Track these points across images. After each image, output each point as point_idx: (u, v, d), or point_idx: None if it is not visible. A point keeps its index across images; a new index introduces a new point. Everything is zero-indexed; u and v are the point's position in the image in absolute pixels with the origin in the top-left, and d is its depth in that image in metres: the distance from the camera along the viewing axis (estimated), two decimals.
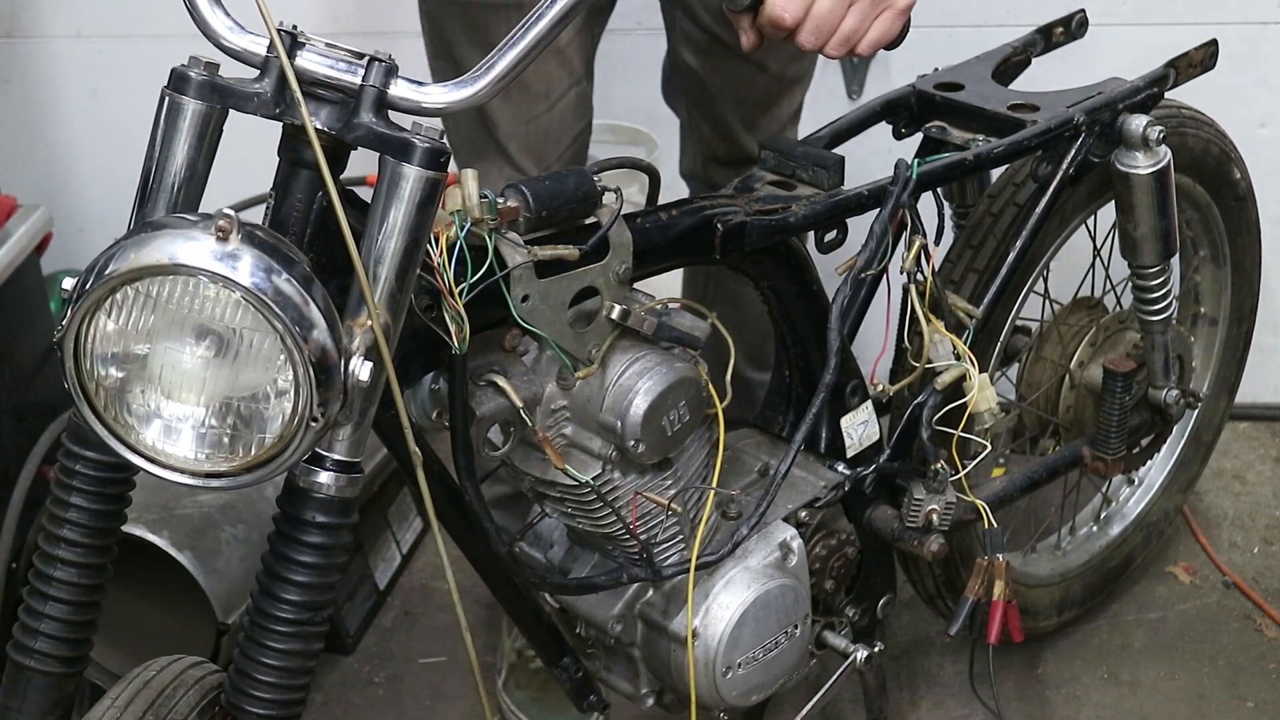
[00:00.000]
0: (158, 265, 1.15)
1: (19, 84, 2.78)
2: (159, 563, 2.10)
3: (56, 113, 2.80)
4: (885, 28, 1.57)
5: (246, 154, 1.57)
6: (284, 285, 1.18)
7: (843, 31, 1.54)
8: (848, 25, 1.54)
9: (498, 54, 1.30)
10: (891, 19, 1.57)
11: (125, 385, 1.21)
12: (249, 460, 1.23)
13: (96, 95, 2.77)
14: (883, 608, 2.00)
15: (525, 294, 1.47)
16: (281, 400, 1.20)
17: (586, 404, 1.58)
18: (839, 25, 1.54)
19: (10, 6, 2.71)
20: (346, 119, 1.29)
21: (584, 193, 1.51)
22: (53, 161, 2.83)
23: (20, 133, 2.80)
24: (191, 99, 1.29)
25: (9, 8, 2.71)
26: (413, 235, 1.29)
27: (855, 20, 1.54)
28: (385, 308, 1.29)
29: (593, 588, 1.69)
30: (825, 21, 1.53)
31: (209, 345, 1.20)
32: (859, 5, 1.54)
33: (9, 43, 2.75)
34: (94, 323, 1.19)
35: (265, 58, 1.29)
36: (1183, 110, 2.20)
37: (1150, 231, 2.01)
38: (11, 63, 2.76)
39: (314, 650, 1.35)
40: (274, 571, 1.32)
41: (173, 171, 1.29)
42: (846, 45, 1.56)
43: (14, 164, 2.74)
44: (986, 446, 1.88)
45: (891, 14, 1.57)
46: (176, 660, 1.41)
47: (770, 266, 1.74)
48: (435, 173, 1.27)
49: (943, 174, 1.82)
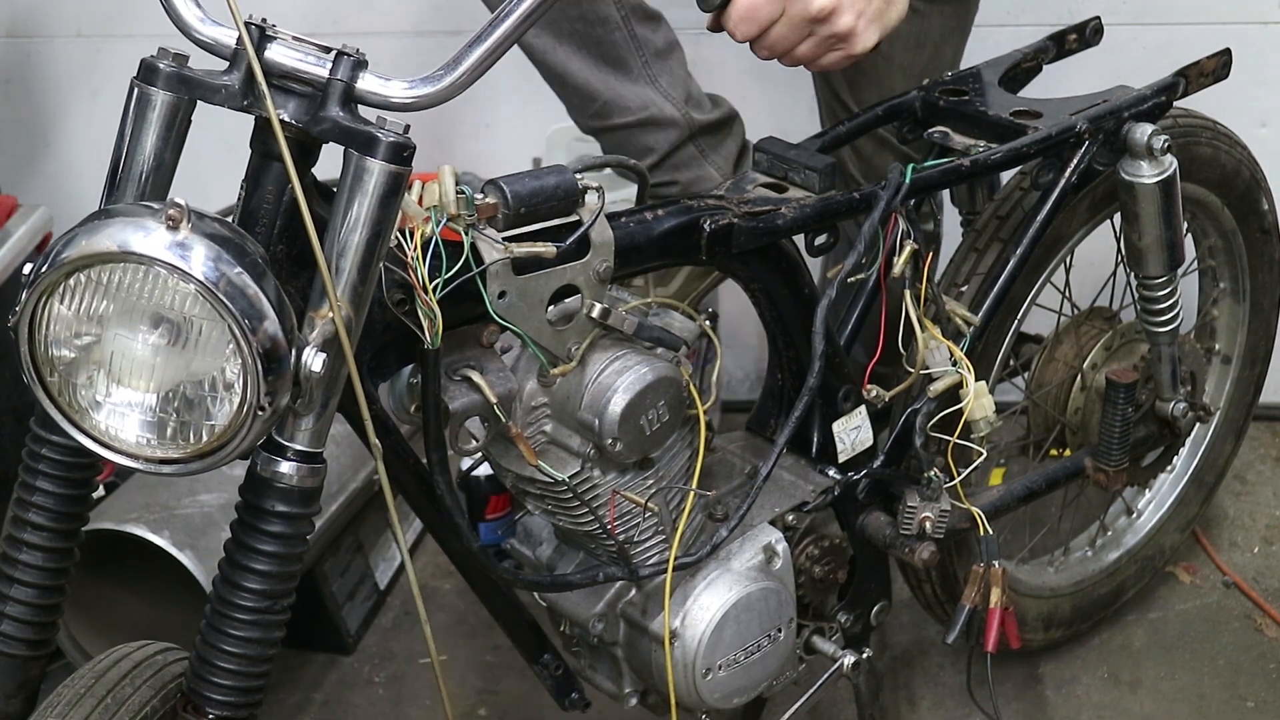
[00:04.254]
0: (108, 253, 1.17)
1: (19, 84, 2.80)
2: (160, 562, 2.11)
3: (56, 113, 2.82)
4: (836, 61, 1.64)
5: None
6: (233, 274, 1.19)
7: (794, 55, 1.62)
8: (801, 52, 1.62)
9: (465, 51, 1.31)
10: (841, 58, 1.63)
11: (75, 369, 1.23)
12: (199, 447, 1.24)
13: (96, 95, 2.79)
14: (876, 615, 1.99)
15: (502, 290, 1.48)
16: (231, 388, 1.21)
17: (566, 401, 1.58)
18: (791, 50, 1.61)
19: (10, 6, 2.73)
20: (314, 112, 1.30)
21: (564, 191, 1.51)
22: (53, 161, 2.85)
23: (20, 133, 2.83)
24: (160, 90, 1.31)
25: (9, 8, 2.73)
26: (376, 228, 1.29)
27: (809, 49, 1.62)
28: (348, 300, 1.30)
29: (567, 585, 1.69)
30: (779, 45, 1.60)
31: (161, 333, 1.21)
32: (814, 40, 1.60)
33: (9, 43, 2.77)
34: (48, 308, 1.21)
35: (234, 50, 1.30)
36: (1217, 126, 2.19)
37: (1155, 241, 1.99)
38: (11, 63, 2.78)
39: (274, 639, 1.36)
40: (235, 560, 1.34)
41: (140, 161, 1.31)
42: (796, 65, 1.64)
43: (14, 164, 2.77)
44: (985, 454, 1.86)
45: (843, 55, 1.63)
46: (143, 646, 1.43)
47: (760, 269, 1.73)
48: (399, 167, 1.28)
49: (938, 179, 1.80)
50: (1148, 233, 1.98)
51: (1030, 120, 1.89)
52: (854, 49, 1.60)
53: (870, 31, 1.59)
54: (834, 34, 1.57)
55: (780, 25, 1.56)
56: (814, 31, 1.57)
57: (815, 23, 1.57)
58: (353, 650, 2.39)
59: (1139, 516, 2.44)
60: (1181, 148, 2.09)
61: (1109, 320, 2.21)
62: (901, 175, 1.73)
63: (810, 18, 1.57)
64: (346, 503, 2.36)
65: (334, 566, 2.38)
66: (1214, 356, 2.44)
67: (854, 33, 1.58)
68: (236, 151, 1.36)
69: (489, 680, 2.30)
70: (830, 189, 1.74)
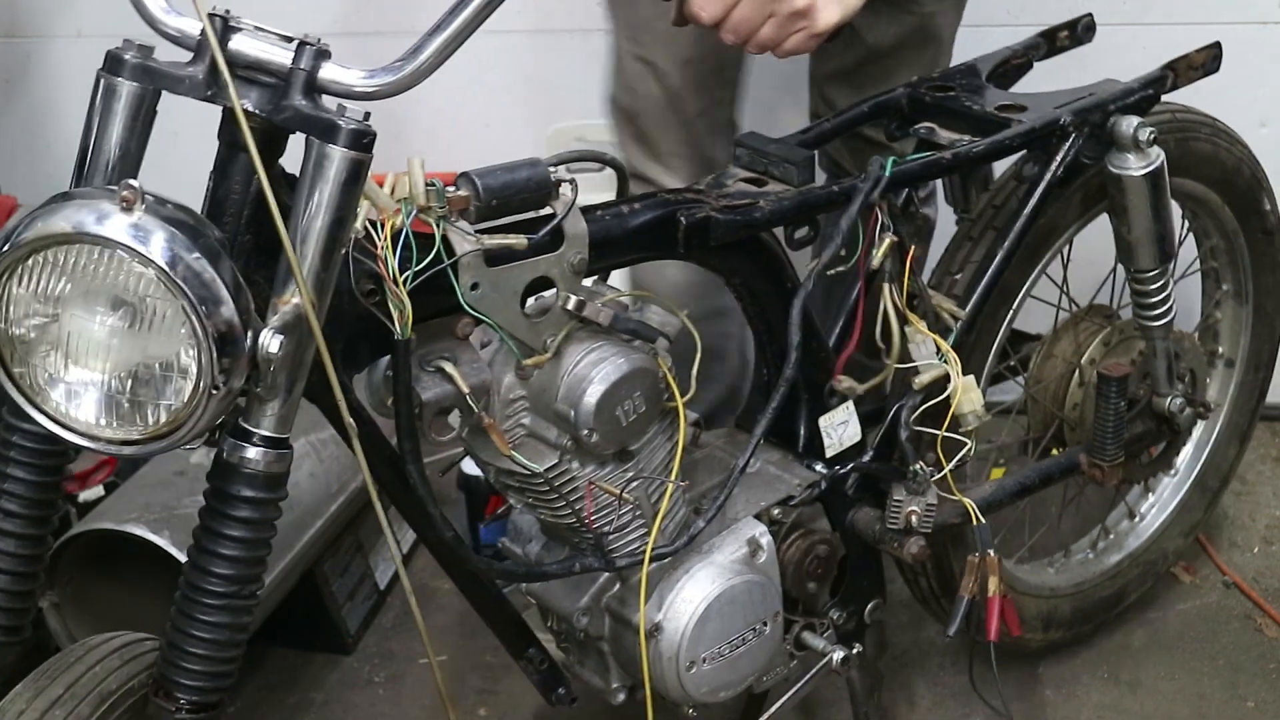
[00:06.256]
0: (62, 234, 1.19)
1: (19, 84, 2.82)
2: (160, 562, 2.10)
3: (56, 113, 2.84)
4: (800, 42, 1.63)
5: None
6: (187, 256, 1.20)
7: (758, 39, 1.61)
8: (764, 34, 1.61)
9: (424, 41, 1.33)
10: (805, 39, 1.62)
11: (34, 350, 1.25)
12: (156, 429, 1.25)
13: None
14: (870, 612, 1.98)
15: (475, 282, 1.49)
16: (186, 372, 1.23)
17: (543, 393, 1.59)
18: (755, 32, 1.60)
19: (10, 6, 2.76)
20: (277, 101, 1.31)
21: (536, 183, 1.52)
22: (53, 161, 2.85)
23: (20, 133, 2.85)
24: (125, 80, 1.33)
25: (9, 8, 2.76)
26: (338, 214, 1.31)
27: (771, 30, 1.61)
28: (310, 285, 1.31)
29: (543, 575, 1.70)
30: (742, 26, 1.59)
31: (120, 315, 1.23)
32: (775, 19, 1.60)
33: (9, 43, 2.79)
34: (7, 289, 1.23)
35: (199, 40, 1.32)
36: (1216, 123, 2.18)
37: (1145, 234, 1.98)
38: (11, 63, 2.81)
39: (242, 624, 1.37)
40: (203, 545, 1.35)
41: (107, 150, 1.34)
42: (763, 49, 1.63)
43: (14, 164, 2.79)
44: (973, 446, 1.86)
45: (805, 35, 1.62)
46: (113, 637, 1.44)
47: (740, 262, 1.74)
48: (359, 153, 1.29)
49: (919, 173, 1.81)
50: (1137, 226, 1.98)
51: (1015, 114, 1.89)
52: (816, 26, 1.59)
53: (830, 9, 1.58)
54: (794, 10, 1.57)
55: (743, 5, 1.56)
56: (775, 10, 1.57)
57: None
58: (353, 650, 2.40)
59: (1140, 520, 2.43)
60: (1179, 143, 2.09)
61: (1108, 317, 2.20)
62: (881, 168, 1.73)
63: None
64: (346, 503, 2.37)
65: (334, 566, 2.39)
66: (1217, 360, 2.43)
67: (813, 8, 1.58)
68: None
69: (489, 680, 2.30)
70: (809, 182, 1.74)
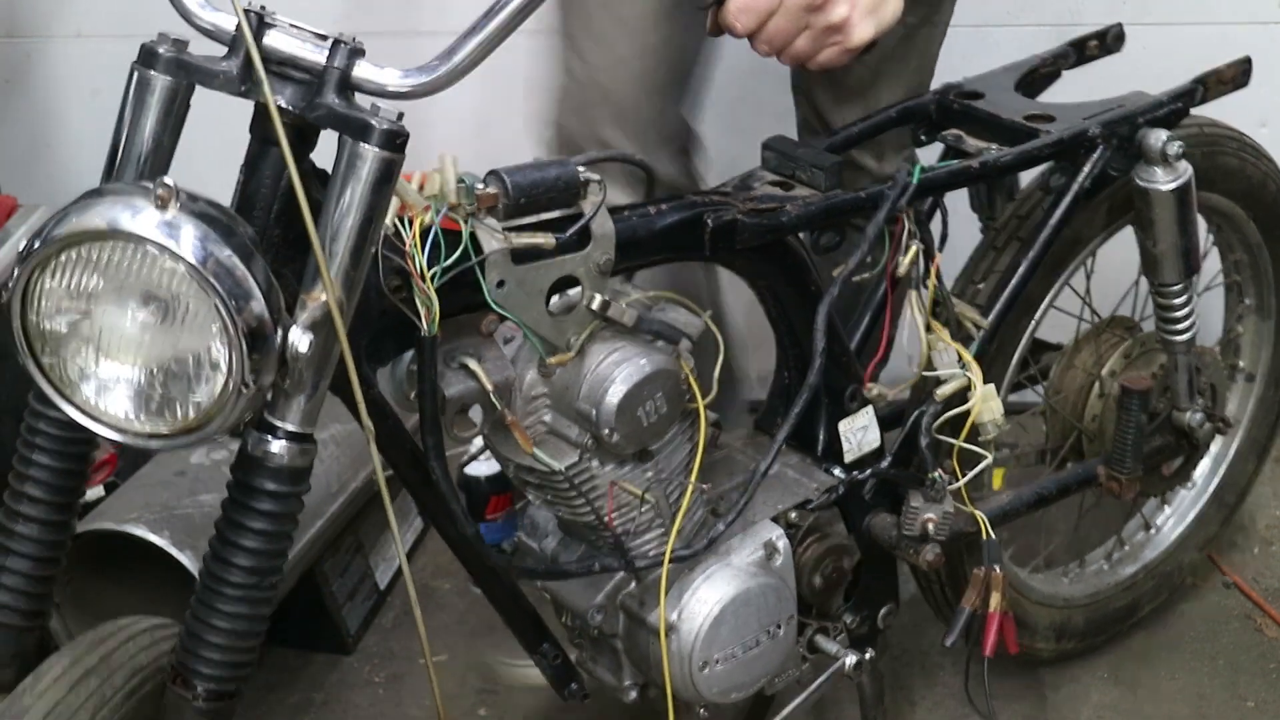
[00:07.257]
0: (96, 230, 1.20)
1: (19, 84, 2.81)
2: (160, 562, 2.10)
3: (56, 113, 2.83)
4: (833, 56, 1.63)
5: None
6: (220, 254, 1.21)
7: (792, 51, 1.62)
8: (798, 47, 1.62)
9: (460, 41, 1.33)
10: (839, 53, 1.63)
11: (66, 344, 1.26)
12: (185, 424, 1.26)
13: (97, 95, 2.79)
14: (884, 617, 1.99)
15: (501, 279, 1.49)
16: (216, 367, 1.24)
17: (565, 391, 1.60)
18: (790, 44, 1.61)
19: (10, 6, 2.75)
20: (310, 98, 1.32)
21: (565, 182, 1.53)
22: (53, 161, 2.86)
23: (20, 133, 2.85)
24: (159, 74, 1.34)
25: (9, 8, 2.75)
26: (368, 213, 1.31)
27: (805, 44, 1.62)
28: (339, 283, 1.32)
29: (563, 574, 1.70)
30: (776, 38, 1.61)
31: (151, 311, 1.24)
32: (810, 33, 1.61)
33: (9, 43, 2.79)
34: (40, 283, 1.24)
35: (234, 35, 1.33)
36: (1244, 138, 2.18)
37: (1171, 248, 1.98)
38: (11, 63, 2.80)
39: (261, 615, 1.38)
40: (225, 537, 1.36)
41: (139, 144, 1.35)
42: (796, 62, 1.64)
43: (14, 164, 2.78)
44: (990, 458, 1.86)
45: (839, 50, 1.63)
46: (135, 621, 1.45)
47: (765, 266, 1.74)
48: (392, 154, 1.30)
49: (945, 180, 1.81)
50: (1163, 239, 1.97)
51: (1043, 124, 1.89)
52: (849, 41, 1.60)
53: (865, 24, 1.59)
54: (829, 24, 1.58)
55: (779, 16, 1.57)
56: (810, 24, 1.58)
57: (811, 12, 1.58)
58: (353, 650, 2.40)
59: (1157, 532, 2.43)
60: (1206, 157, 2.09)
61: (1130, 329, 2.20)
62: (909, 175, 1.74)
63: (805, 5, 1.58)
64: (346, 502, 2.36)
65: (334, 566, 2.38)
66: (1238, 374, 2.42)
67: (849, 23, 1.59)
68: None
69: (489, 680, 2.30)
70: (836, 187, 1.75)
